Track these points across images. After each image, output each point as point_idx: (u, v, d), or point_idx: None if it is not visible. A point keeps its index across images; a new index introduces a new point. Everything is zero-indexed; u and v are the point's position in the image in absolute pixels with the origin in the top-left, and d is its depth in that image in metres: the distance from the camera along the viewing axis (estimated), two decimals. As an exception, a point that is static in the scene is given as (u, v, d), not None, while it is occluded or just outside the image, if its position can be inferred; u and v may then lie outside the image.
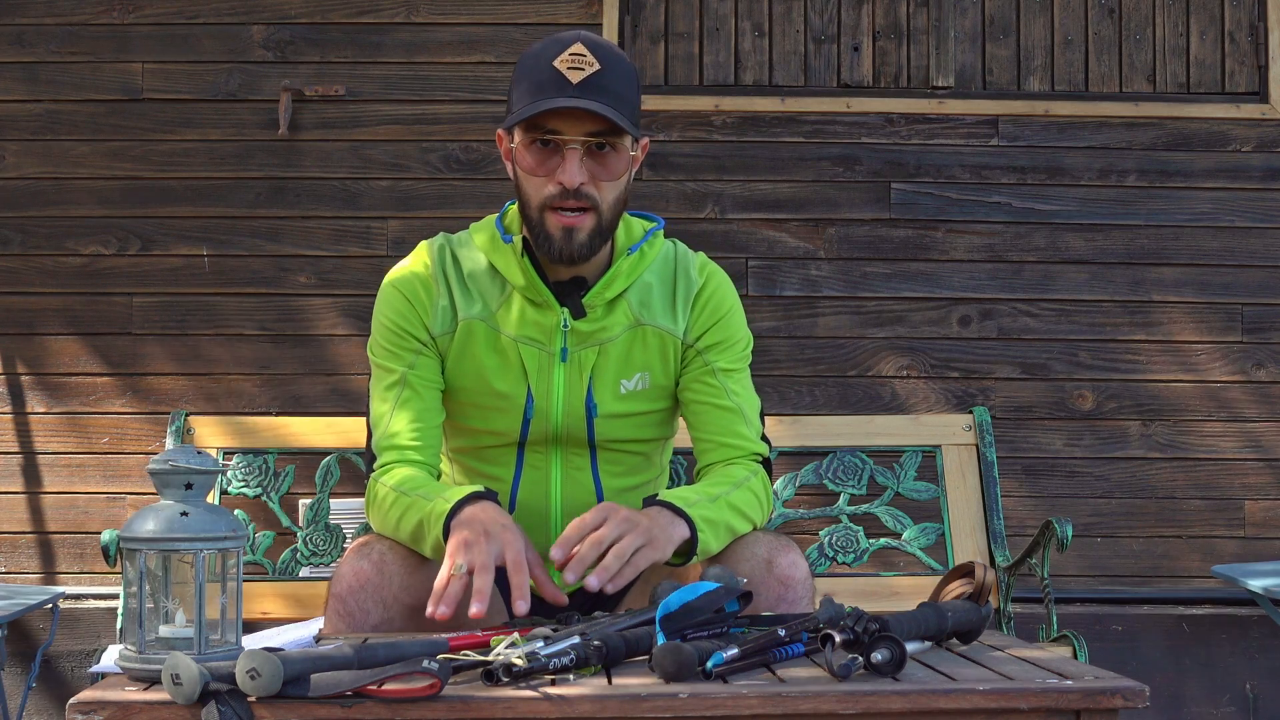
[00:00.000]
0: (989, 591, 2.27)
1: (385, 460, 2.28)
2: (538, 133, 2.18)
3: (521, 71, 2.21)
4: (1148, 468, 3.90)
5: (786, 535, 2.31)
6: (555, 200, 2.18)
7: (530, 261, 2.28)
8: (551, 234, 2.21)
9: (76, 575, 3.81)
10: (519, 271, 2.29)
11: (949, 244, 3.90)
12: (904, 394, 3.88)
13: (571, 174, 2.16)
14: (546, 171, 2.19)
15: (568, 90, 2.13)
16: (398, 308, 2.33)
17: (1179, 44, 3.97)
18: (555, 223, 2.20)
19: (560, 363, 2.31)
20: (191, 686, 1.55)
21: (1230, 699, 3.81)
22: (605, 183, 2.20)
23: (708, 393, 2.35)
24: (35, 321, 3.84)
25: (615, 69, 2.17)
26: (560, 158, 2.18)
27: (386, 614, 2.16)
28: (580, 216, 2.19)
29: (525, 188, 2.23)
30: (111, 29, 3.87)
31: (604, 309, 2.32)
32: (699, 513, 2.16)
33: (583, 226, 2.20)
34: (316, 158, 3.87)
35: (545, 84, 2.15)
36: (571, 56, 2.15)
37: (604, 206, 2.21)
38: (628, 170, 2.23)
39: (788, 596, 2.16)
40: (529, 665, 1.65)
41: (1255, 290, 3.92)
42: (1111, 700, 1.65)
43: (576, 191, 2.17)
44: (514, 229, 2.35)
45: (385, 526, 2.25)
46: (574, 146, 2.16)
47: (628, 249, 2.33)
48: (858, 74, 3.95)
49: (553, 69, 2.15)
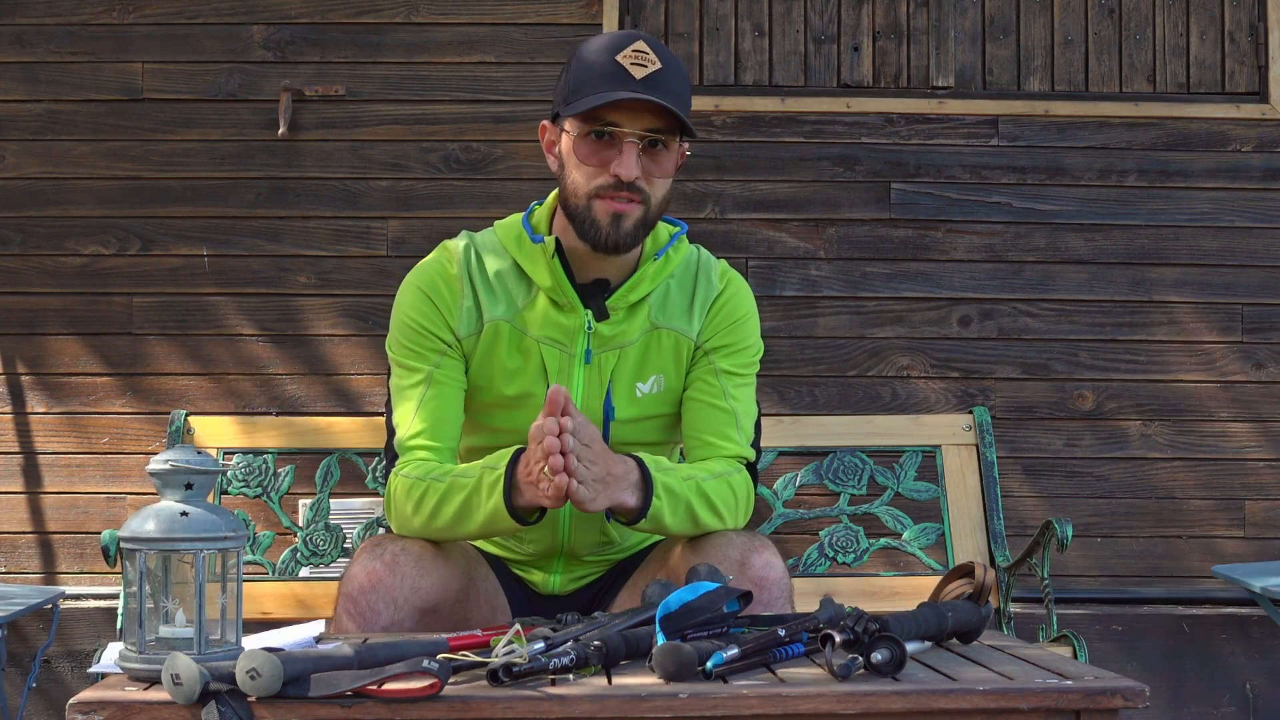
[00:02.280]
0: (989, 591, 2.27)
1: (407, 459, 2.28)
2: (596, 124, 2.21)
3: (579, 64, 2.23)
4: (1148, 468, 3.90)
5: (762, 535, 2.31)
6: (607, 190, 2.21)
7: (559, 262, 2.29)
8: (599, 219, 2.23)
9: (76, 575, 3.81)
10: (546, 272, 2.30)
11: (949, 244, 3.90)
12: (904, 394, 3.88)
13: (629, 167, 2.19)
14: (600, 163, 2.22)
15: (630, 84, 2.16)
16: (421, 308, 2.33)
17: (1179, 44, 3.97)
18: (604, 208, 2.22)
19: (583, 365, 2.31)
20: (191, 686, 1.55)
21: (1230, 699, 3.80)
22: (656, 179, 2.24)
23: (706, 391, 2.36)
24: (35, 321, 3.84)
25: (674, 69, 2.22)
26: (616, 150, 2.21)
27: (397, 615, 2.16)
28: (630, 205, 2.22)
29: (575, 176, 2.25)
30: (111, 29, 3.87)
31: (626, 312, 2.32)
32: (662, 479, 2.17)
33: (631, 214, 2.22)
34: (316, 158, 3.87)
35: (608, 77, 2.18)
36: (634, 53, 2.19)
37: (653, 201, 2.25)
38: (675, 169, 2.27)
39: (763, 597, 2.15)
40: (529, 665, 1.65)
41: (1255, 290, 3.92)
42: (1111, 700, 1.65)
43: (631, 184, 2.20)
44: (542, 229, 2.35)
45: (419, 515, 2.23)
46: (632, 140, 2.20)
47: (654, 253, 2.34)
48: (858, 74, 3.95)
49: (616, 63, 2.18)
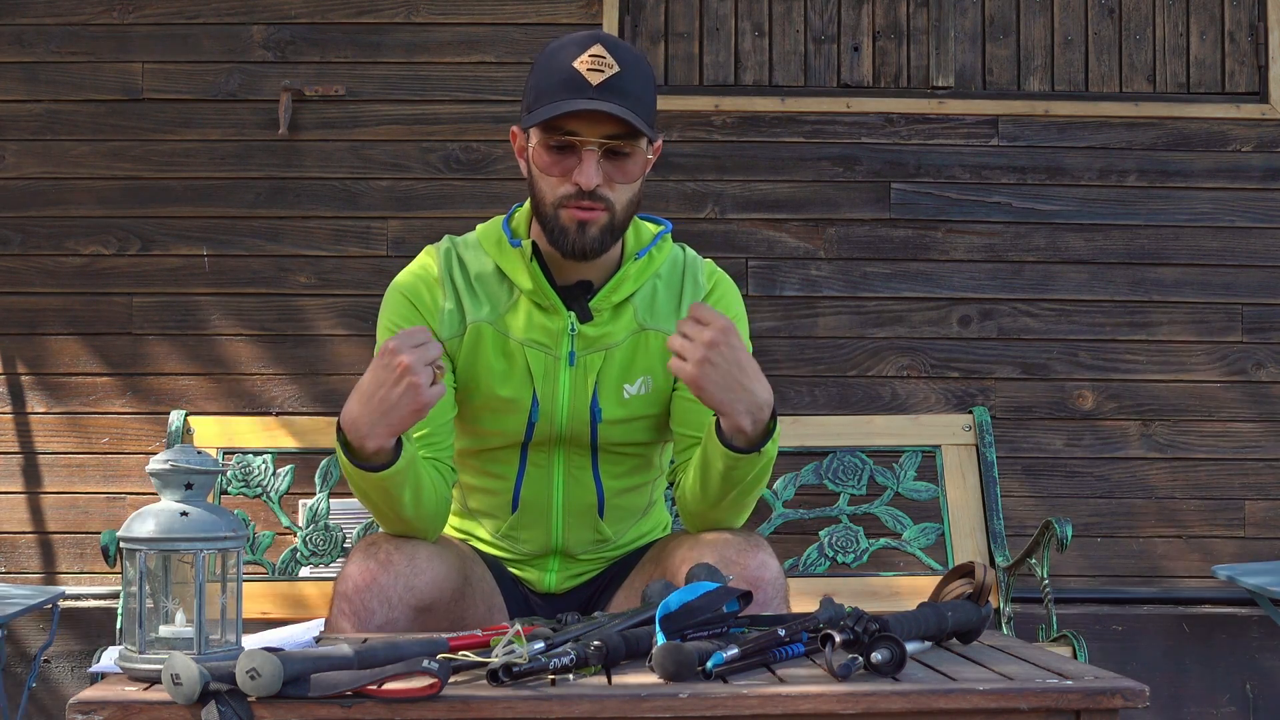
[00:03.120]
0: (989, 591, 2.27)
1: None
2: (555, 134, 2.19)
3: (539, 71, 2.22)
4: (1148, 468, 3.90)
5: (758, 535, 2.31)
6: (570, 200, 2.20)
7: (538, 265, 2.28)
8: (565, 227, 2.22)
9: (76, 575, 3.81)
10: (526, 275, 2.30)
11: (949, 244, 3.90)
12: (904, 394, 3.88)
13: (589, 176, 2.18)
14: (562, 171, 2.21)
15: (587, 92, 2.15)
16: (404, 313, 2.34)
17: (1179, 44, 3.97)
18: (569, 216, 2.21)
19: (567, 367, 2.31)
20: (191, 686, 1.55)
21: (1230, 699, 3.81)
22: (620, 184, 2.22)
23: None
24: (35, 321, 3.84)
25: (634, 71, 2.19)
26: (577, 158, 2.19)
27: (392, 614, 2.16)
28: (593, 213, 2.21)
29: (540, 185, 2.24)
30: (111, 29, 3.87)
31: (610, 313, 2.32)
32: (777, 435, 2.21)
33: (596, 221, 2.21)
34: (316, 158, 3.87)
35: (565, 85, 2.16)
36: (591, 58, 2.16)
37: (618, 207, 2.23)
38: (642, 172, 2.25)
39: (758, 597, 2.15)
40: (529, 665, 1.65)
41: (1255, 290, 3.92)
42: (1111, 700, 1.65)
43: (592, 193, 2.19)
44: (521, 232, 2.35)
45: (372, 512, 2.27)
46: (591, 148, 2.18)
47: (636, 253, 2.33)
48: (858, 74, 3.95)
49: (572, 70, 2.16)
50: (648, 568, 2.39)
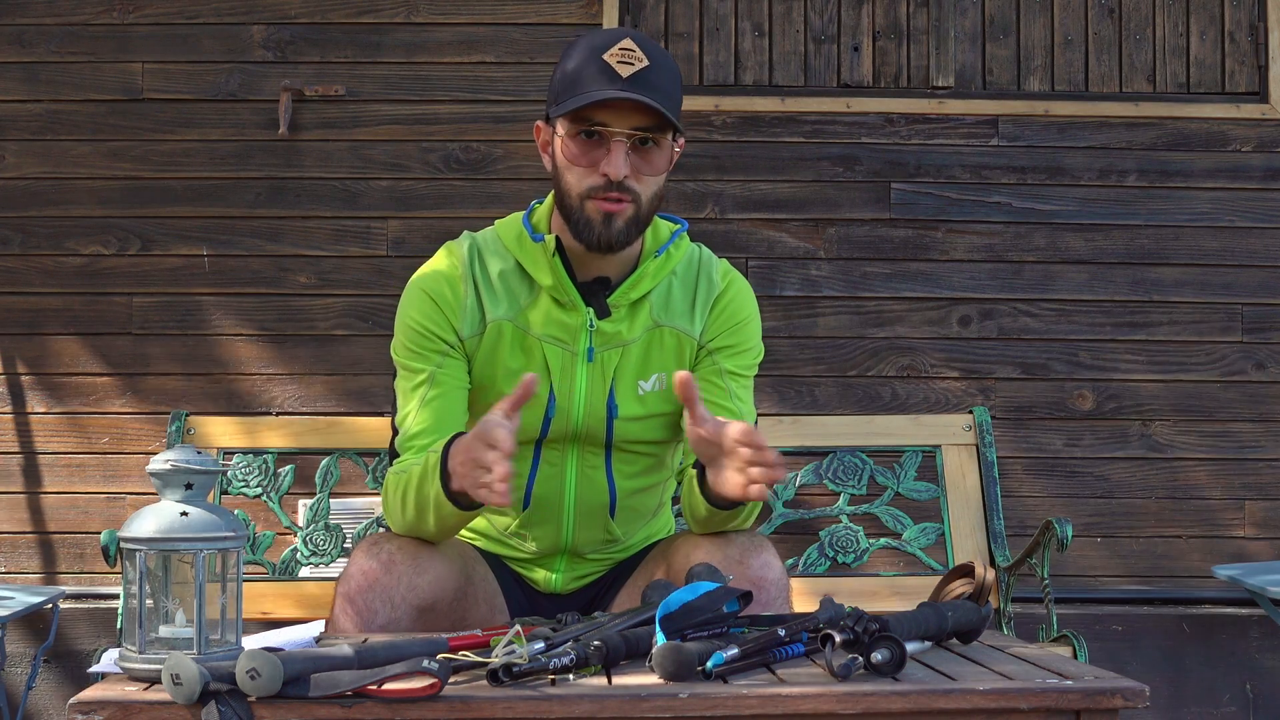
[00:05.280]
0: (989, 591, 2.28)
1: (405, 458, 2.29)
2: (584, 124, 2.20)
3: (568, 63, 2.22)
4: (1147, 467, 3.90)
5: (761, 535, 2.31)
6: (598, 191, 2.21)
7: (560, 260, 2.29)
8: (591, 219, 2.22)
9: (76, 575, 3.81)
10: (547, 271, 2.30)
11: (949, 244, 3.90)
12: (904, 394, 3.88)
13: (617, 166, 2.19)
14: (590, 163, 2.21)
15: (618, 83, 2.16)
16: (425, 310, 2.33)
17: (1179, 44, 3.97)
18: (595, 208, 2.22)
19: (585, 363, 2.31)
20: (191, 686, 1.55)
21: (1230, 699, 3.80)
22: (647, 177, 2.23)
23: (714, 392, 2.36)
24: (35, 321, 3.84)
25: (662, 66, 2.21)
26: (605, 150, 2.20)
27: (394, 613, 2.16)
28: (620, 204, 2.22)
29: (567, 177, 2.24)
30: (111, 29, 3.87)
31: (627, 309, 2.32)
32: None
33: (622, 213, 2.22)
34: (316, 158, 3.87)
35: (595, 76, 2.17)
36: (621, 51, 2.18)
37: (644, 200, 2.24)
38: (668, 166, 2.26)
39: (761, 597, 2.16)
40: (529, 665, 1.65)
41: (1255, 290, 3.92)
42: (1111, 700, 1.65)
43: (620, 184, 2.20)
44: (542, 228, 2.35)
45: (396, 511, 2.25)
46: (620, 139, 2.19)
47: (654, 251, 2.34)
48: (858, 74, 3.95)
49: (602, 62, 2.17)
50: (651, 568, 2.39)
